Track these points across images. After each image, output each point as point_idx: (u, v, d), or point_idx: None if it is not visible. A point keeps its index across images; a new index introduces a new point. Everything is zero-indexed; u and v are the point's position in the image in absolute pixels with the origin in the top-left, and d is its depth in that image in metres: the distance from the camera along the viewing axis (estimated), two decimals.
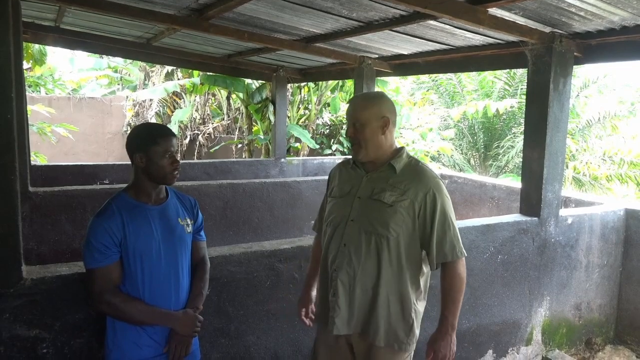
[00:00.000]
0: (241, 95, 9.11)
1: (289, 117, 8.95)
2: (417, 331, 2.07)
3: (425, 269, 2.09)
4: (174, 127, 11.02)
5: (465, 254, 2.05)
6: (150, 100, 11.56)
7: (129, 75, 13.46)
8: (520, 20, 3.22)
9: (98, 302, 1.89)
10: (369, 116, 2.00)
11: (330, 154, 9.51)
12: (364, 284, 2.00)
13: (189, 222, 2.11)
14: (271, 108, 7.65)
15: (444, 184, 2.06)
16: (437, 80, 12.04)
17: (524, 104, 3.80)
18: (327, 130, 10.38)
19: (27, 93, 6.51)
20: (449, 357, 1.98)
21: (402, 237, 1.97)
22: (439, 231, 1.97)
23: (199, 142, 11.55)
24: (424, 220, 1.97)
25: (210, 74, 7.91)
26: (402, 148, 2.09)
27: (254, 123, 9.49)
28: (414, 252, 2.01)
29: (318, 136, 9.97)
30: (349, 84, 8.98)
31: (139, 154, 1.94)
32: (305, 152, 9.56)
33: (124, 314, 1.90)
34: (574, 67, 3.62)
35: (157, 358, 1.98)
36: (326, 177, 2.34)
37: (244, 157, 9.93)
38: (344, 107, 9.72)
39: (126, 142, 2.01)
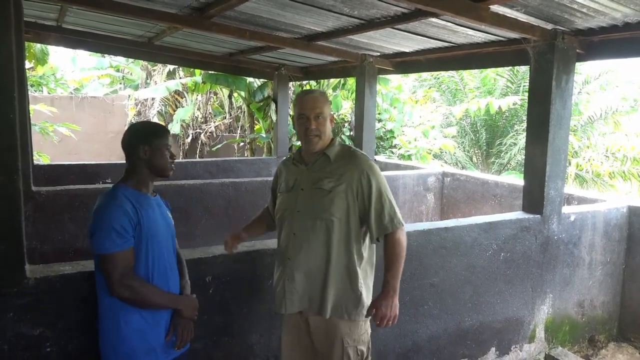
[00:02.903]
0: (243, 93, 9.12)
1: (290, 115, 8.94)
2: (366, 301, 2.24)
3: (369, 242, 2.27)
4: (176, 126, 11.04)
5: (404, 224, 2.22)
6: (152, 99, 11.56)
7: (131, 74, 13.47)
8: (522, 17, 3.20)
9: (119, 286, 1.89)
10: (328, 110, 2.25)
11: None
12: (315, 267, 2.21)
13: (171, 216, 2.23)
14: (273, 106, 7.64)
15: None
16: (439, 78, 12.00)
17: (527, 101, 3.79)
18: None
19: (29, 92, 6.52)
20: (389, 317, 2.12)
21: (344, 218, 2.18)
22: (377, 207, 2.17)
23: (201, 141, 11.55)
24: (362, 200, 2.18)
25: (212, 72, 7.92)
26: (334, 138, 2.31)
27: (255, 121, 9.49)
28: (356, 229, 2.21)
29: None
30: (351, 82, 8.96)
31: (144, 146, 2.01)
32: None
33: (143, 297, 1.94)
34: (576, 64, 3.60)
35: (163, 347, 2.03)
36: None
37: (246, 155, 9.93)
38: (346, 105, 9.71)
39: (125, 138, 2.07)
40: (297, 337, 2.34)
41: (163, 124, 12.12)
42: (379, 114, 10.05)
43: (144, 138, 2.02)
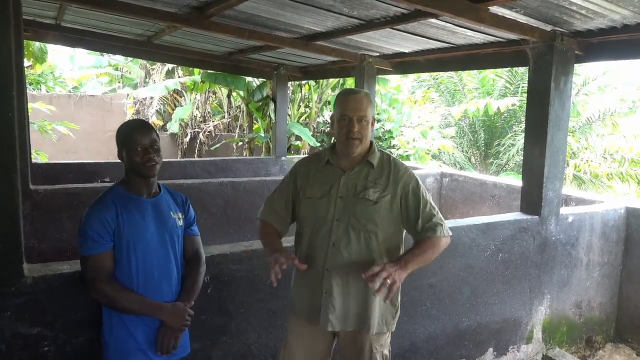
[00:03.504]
0: (242, 93, 9.11)
1: (289, 115, 8.95)
2: (400, 310, 2.24)
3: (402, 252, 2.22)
4: (174, 125, 11.02)
5: (451, 234, 2.18)
6: (151, 98, 11.55)
7: (130, 73, 13.45)
8: (522, 19, 3.21)
9: (91, 289, 1.94)
10: (372, 113, 2.13)
11: None
12: (357, 280, 2.05)
13: (180, 216, 2.16)
14: (272, 106, 7.64)
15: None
16: (438, 79, 12.01)
17: (525, 102, 3.80)
18: (328, 128, 10.37)
19: (27, 91, 6.50)
20: (387, 276, 1.87)
21: (388, 229, 2.12)
22: (426, 215, 2.12)
23: (200, 140, 11.54)
24: (406, 211, 2.13)
25: (211, 71, 7.91)
26: (372, 143, 2.21)
27: (254, 121, 9.49)
28: (398, 241, 2.19)
29: (319, 134, 9.97)
30: (350, 82, 8.97)
31: (119, 152, 2.05)
32: (306, 150, 9.57)
33: (115, 302, 1.94)
34: (575, 65, 3.61)
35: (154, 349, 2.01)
36: None
37: (244, 155, 9.92)
38: None
39: None
40: (313, 347, 2.25)
41: (162, 122, 12.16)
42: (377, 114, 10.06)
43: (118, 144, 2.05)
